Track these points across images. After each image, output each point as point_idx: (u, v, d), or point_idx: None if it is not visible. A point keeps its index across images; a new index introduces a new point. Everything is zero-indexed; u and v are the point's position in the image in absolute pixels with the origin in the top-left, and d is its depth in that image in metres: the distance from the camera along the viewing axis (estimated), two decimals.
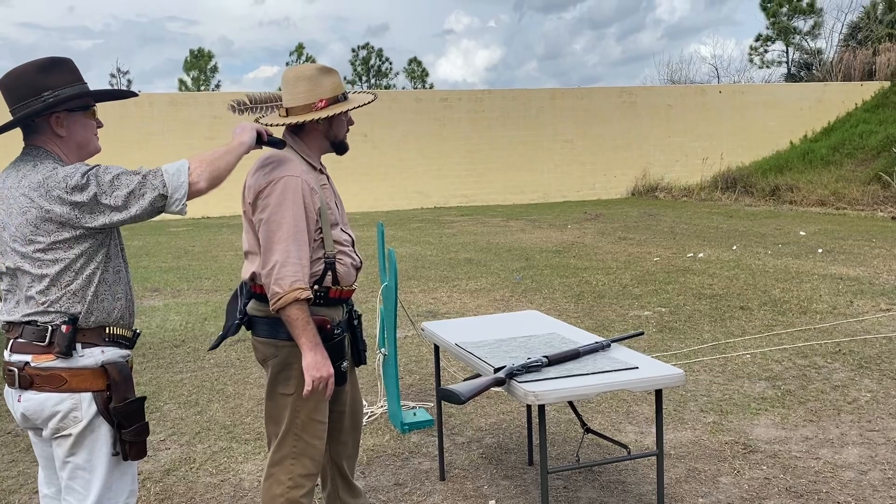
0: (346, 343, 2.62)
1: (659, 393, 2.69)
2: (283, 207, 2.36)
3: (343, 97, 2.55)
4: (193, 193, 2.04)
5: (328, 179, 2.61)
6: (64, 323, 1.99)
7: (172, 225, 15.24)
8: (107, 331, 2.07)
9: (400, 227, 13.85)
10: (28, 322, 2.01)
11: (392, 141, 18.53)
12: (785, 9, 32.79)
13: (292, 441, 2.50)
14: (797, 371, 4.89)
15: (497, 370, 2.59)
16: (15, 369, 2.01)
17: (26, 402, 2.02)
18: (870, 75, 23.00)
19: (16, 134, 2.17)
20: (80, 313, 2.01)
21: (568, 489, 3.37)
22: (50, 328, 1.99)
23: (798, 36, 32.49)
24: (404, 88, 40.54)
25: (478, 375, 2.78)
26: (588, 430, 3.10)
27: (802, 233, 11.42)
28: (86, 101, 2.12)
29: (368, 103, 2.60)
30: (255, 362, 5.36)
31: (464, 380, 2.70)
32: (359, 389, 2.85)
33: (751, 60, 34.40)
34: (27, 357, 2.00)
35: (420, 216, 16.31)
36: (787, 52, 33.02)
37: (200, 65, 42.85)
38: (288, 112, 2.51)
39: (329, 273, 2.50)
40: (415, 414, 4.23)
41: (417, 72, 46.40)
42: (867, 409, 4.19)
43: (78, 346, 2.01)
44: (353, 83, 43.18)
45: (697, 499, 3.25)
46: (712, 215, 14.48)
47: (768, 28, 33.64)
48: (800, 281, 7.74)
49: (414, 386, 4.86)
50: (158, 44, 66.91)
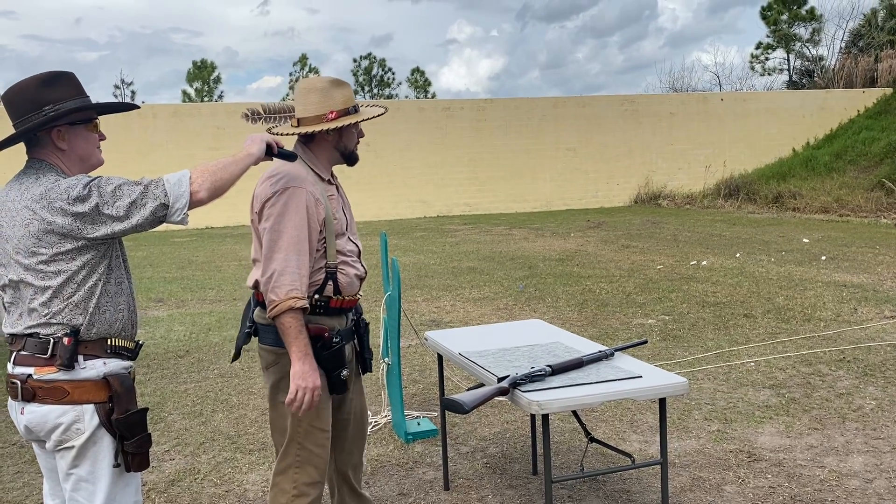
0: (350, 351, 2.64)
1: (663, 402, 2.69)
2: (286, 217, 2.39)
3: (354, 109, 2.58)
4: (194, 203, 2.03)
5: (337, 189, 2.63)
6: (66, 335, 1.99)
7: (176, 235, 15.27)
8: (109, 342, 2.07)
9: (403, 236, 13.87)
10: (30, 334, 2.02)
11: (395, 150, 18.58)
12: (785, 16, 32.85)
13: (295, 450, 2.51)
14: (801, 379, 4.89)
15: (500, 380, 2.60)
16: (18, 382, 2.02)
17: (29, 415, 2.03)
18: (872, 82, 23.02)
19: (20, 147, 2.18)
20: (83, 325, 2.01)
21: (572, 498, 3.37)
22: (52, 340, 2.00)
23: (799, 43, 32.55)
24: (407, 98, 40.66)
25: (481, 385, 2.78)
26: (592, 440, 3.10)
27: (806, 240, 11.41)
28: (87, 115, 2.13)
29: (378, 116, 2.63)
30: (259, 372, 5.36)
31: (467, 389, 2.70)
32: (364, 398, 2.86)
33: (752, 68, 34.45)
34: (30, 369, 2.01)
35: (423, 225, 16.33)
36: (789, 60, 33.06)
37: (204, 76, 43.06)
38: (299, 122, 2.55)
39: (330, 283, 2.51)
40: (419, 424, 4.23)
41: (420, 81, 46.56)
42: (872, 417, 4.18)
43: (80, 358, 2.02)
44: (356, 93, 43.28)
45: None
46: (715, 223, 14.47)
47: (769, 36, 33.70)
48: (803, 288, 7.73)
49: (418, 395, 4.86)
50: (163, 55, 67.37)
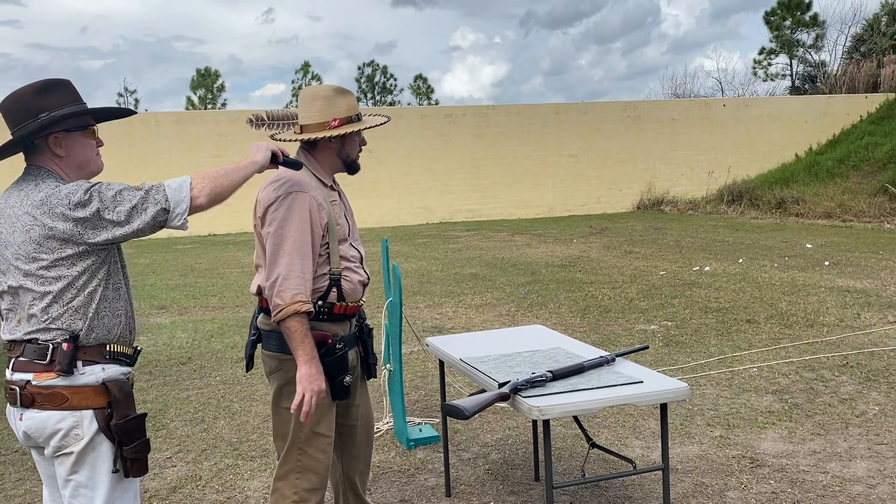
0: (355, 357, 2.64)
1: (664, 407, 2.69)
2: (290, 222, 2.40)
3: (357, 118, 2.60)
4: (194, 209, 2.03)
5: (340, 196, 2.64)
6: (65, 340, 1.99)
7: (179, 242, 15.30)
8: (107, 348, 2.08)
9: (405, 243, 13.87)
10: (29, 340, 2.01)
11: (397, 157, 18.60)
12: (788, 21, 32.89)
13: (296, 455, 2.51)
14: (804, 384, 4.87)
15: (501, 385, 2.60)
16: (16, 388, 2.02)
17: (28, 421, 2.03)
18: (874, 87, 23.01)
19: (18, 155, 2.18)
20: (82, 330, 2.02)
21: None
22: (51, 346, 2.00)
23: (802, 49, 32.57)
24: (409, 105, 40.76)
25: (483, 391, 2.78)
26: (593, 445, 3.09)
27: (809, 245, 11.39)
28: (84, 121, 2.13)
29: (381, 125, 2.64)
30: (261, 379, 5.37)
31: (469, 395, 2.70)
32: (370, 404, 2.86)
33: (755, 73, 34.46)
34: (28, 375, 2.01)
35: (425, 231, 16.33)
36: (791, 65, 33.08)
37: (207, 83, 43.19)
38: (302, 129, 2.57)
39: (334, 289, 2.52)
40: (420, 430, 4.23)
41: (422, 88, 46.66)
42: (875, 423, 4.17)
43: (79, 364, 2.02)
44: (359, 100, 43.36)
45: None
46: (718, 228, 14.46)
47: (772, 41, 33.73)
48: (806, 294, 7.71)
49: (420, 402, 4.86)
50: (167, 63, 67.63)
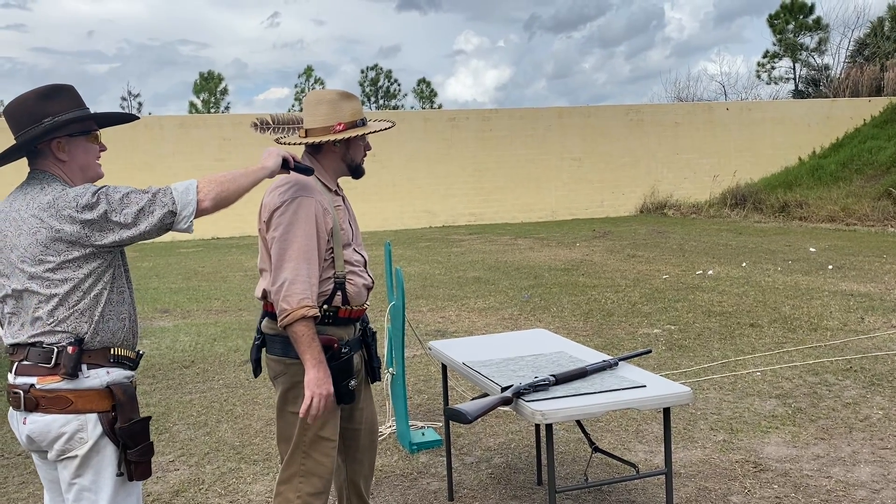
0: (359, 361, 2.64)
1: (667, 411, 2.68)
2: (296, 227, 2.41)
3: (362, 122, 2.61)
4: (199, 212, 2.05)
5: (343, 200, 2.65)
6: (70, 344, 2.00)
7: (182, 246, 15.32)
8: (112, 352, 2.08)
9: (408, 247, 13.88)
10: (34, 344, 2.02)
11: (400, 160, 18.62)
12: (791, 25, 32.89)
13: (300, 459, 2.51)
14: (808, 388, 4.86)
15: (504, 389, 2.60)
16: (20, 391, 2.02)
17: (32, 425, 2.03)
18: (878, 91, 23.00)
19: (22, 159, 2.20)
20: (87, 333, 2.02)
21: None
22: (56, 349, 2.00)
23: (805, 52, 32.55)
24: (412, 109, 40.81)
25: (485, 395, 2.78)
26: (596, 450, 3.09)
27: (812, 249, 11.37)
28: (87, 126, 2.14)
29: (385, 129, 2.65)
30: (264, 383, 5.37)
31: (472, 399, 2.70)
32: (374, 408, 2.86)
33: (758, 77, 34.48)
34: (32, 379, 2.01)
35: (428, 235, 16.34)
36: (795, 69, 33.08)
37: (210, 87, 43.29)
38: (307, 133, 2.57)
39: (339, 293, 2.52)
40: (423, 434, 4.23)
41: (426, 92, 46.72)
42: (879, 427, 4.16)
43: (84, 367, 2.02)
44: (362, 104, 43.42)
45: None
46: (721, 232, 14.44)
47: (775, 45, 33.74)
48: (810, 297, 7.70)
49: (422, 406, 4.86)
50: (171, 67, 67.82)
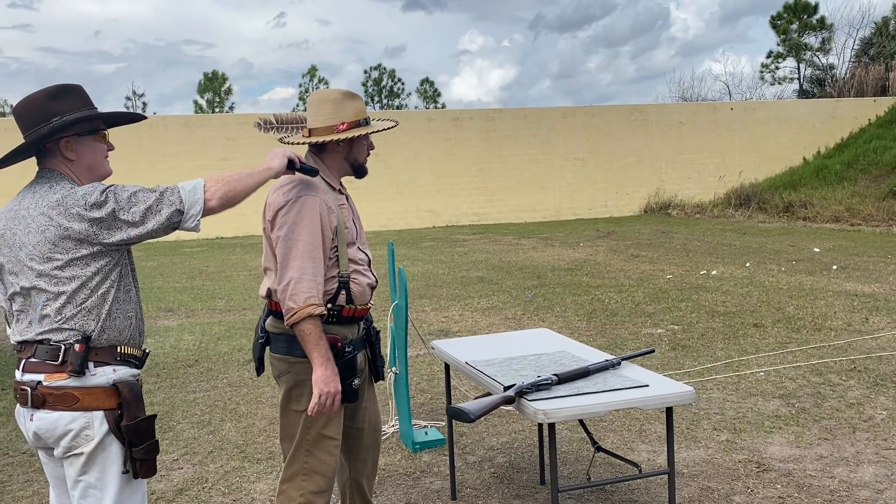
0: (363, 360, 2.65)
1: (670, 411, 2.68)
2: (301, 225, 2.41)
3: (365, 122, 2.61)
4: (206, 211, 2.07)
5: (347, 199, 2.66)
6: (77, 341, 2.02)
7: (187, 245, 15.35)
8: (118, 350, 2.10)
9: (412, 246, 13.89)
10: (41, 341, 2.03)
11: (404, 160, 18.63)
12: (795, 25, 32.81)
13: (303, 457, 2.52)
14: (811, 389, 4.86)
15: (507, 388, 2.60)
16: (27, 388, 2.03)
17: (38, 421, 2.05)
18: (883, 91, 22.93)
19: (31, 158, 2.22)
20: (94, 331, 2.04)
21: None
22: (63, 347, 2.01)
23: (809, 52, 32.48)
24: (416, 108, 40.82)
25: (488, 394, 2.78)
26: (599, 449, 3.09)
27: (817, 249, 11.35)
28: (94, 126, 2.16)
29: (388, 129, 2.66)
30: (268, 382, 5.38)
31: (475, 398, 2.70)
32: (378, 406, 2.87)
33: (762, 77, 34.40)
34: (40, 376, 2.03)
35: (432, 235, 16.34)
36: (799, 69, 33.00)
37: (215, 87, 43.37)
38: (311, 132, 2.59)
39: (343, 292, 2.53)
40: (426, 433, 4.23)
41: (429, 92, 46.74)
42: (883, 427, 4.15)
43: (90, 365, 2.04)
44: (366, 104, 43.47)
45: None
46: (725, 232, 14.42)
47: (779, 45, 33.66)
48: (814, 298, 7.68)
49: (425, 405, 4.86)
50: (177, 67, 67.99)
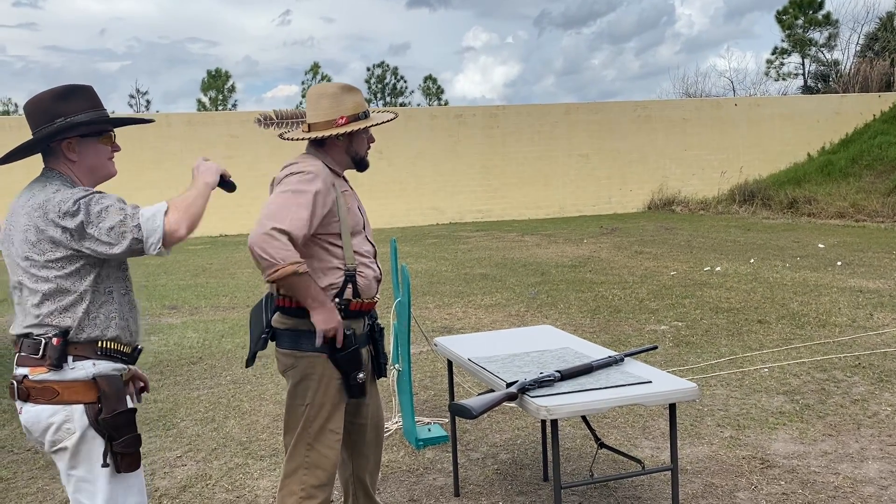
0: (367, 355, 2.65)
1: (673, 407, 2.68)
2: (298, 185, 2.43)
3: (364, 115, 2.61)
4: (174, 240, 2.04)
5: (350, 188, 2.66)
6: (55, 336, 2.04)
7: (190, 243, 15.37)
8: (100, 345, 2.09)
9: (415, 244, 13.88)
10: (27, 335, 2.07)
11: (407, 157, 18.63)
12: (800, 21, 32.69)
13: (304, 451, 2.53)
14: (816, 385, 4.84)
15: (509, 385, 2.60)
16: (15, 382, 2.08)
17: (25, 414, 2.09)
18: (888, 86, 22.85)
19: (37, 156, 2.23)
20: (72, 328, 2.05)
21: None
22: (43, 341, 2.04)
23: (814, 48, 32.37)
24: (419, 106, 40.80)
25: (491, 390, 2.78)
26: (602, 445, 3.08)
27: (821, 245, 11.31)
28: (99, 128, 2.16)
29: (388, 121, 2.65)
30: (271, 378, 5.39)
31: (477, 395, 2.70)
32: (381, 403, 2.87)
33: (767, 73, 34.30)
34: (26, 370, 2.07)
35: (435, 232, 16.34)
36: (804, 65, 32.89)
37: (218, 85, 43.39)
38: (310, 127, 2.59)
39: (349, 286, 2.53)
40: (429, 430, 4.23)
41: (432, 89, 46.70)
42: (888, 423, 4.14)
43: (69, 359, 2.05)
44: (369, 101, 43.49)
45: None
46: (730, 228, 14.39)
47: (784, 40, 33.55)
48: (818, 294, 7.66)
49: (428, 402, 4.86)
50: (182, 65, 68.05)
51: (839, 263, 9.52)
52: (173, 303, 8.71)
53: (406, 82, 46.72)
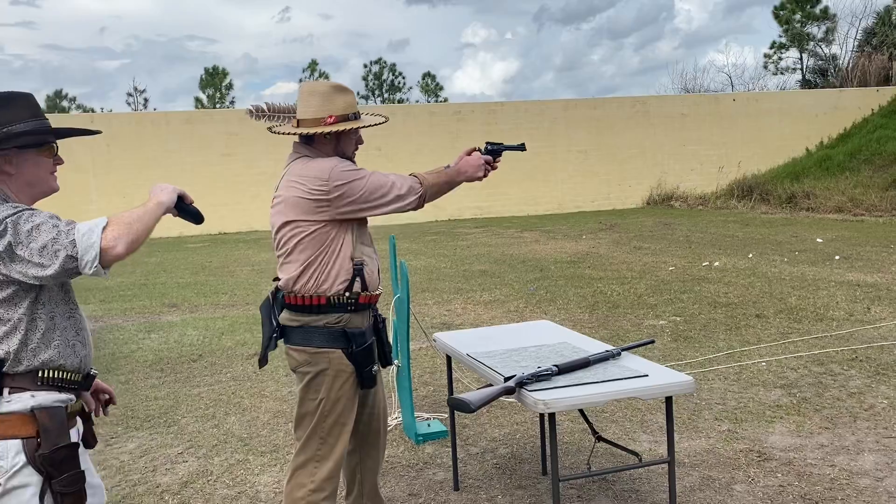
0: (374, 346, 2.70)
1: (669, 400, 2.70)
2: (355, 172, 2.56)
3: (354, 116, 2.63)
4: (112, 258, 1.83)
5: None
6: None
7: (189, 241, 15.39)
8: (41, 375, 1.90)
9: (415, 240, 13.90)
10: None
11: (406, 154, 18.63)
12: (798, 15, 32.67)
13: (316, 444, 2.57)
14: (813, 378, 4.87)
15: (507, 379, 2.62)
16: None
17: None
18: (886, 80, 22.86)
19: None
20: (8, 360, 1.87)
21: (581, 498, 3.38)
22: None
23: (812, 42, 32.35)
24: (417, 102, 40.77)
25: (489, 385, 2.81)
26: (599, 439, 3.11)
27: (819, 240, 11.34)
28: (40, 139, 1.98)
29: (376, 125, 2.68)
30: (271, 376, 5.41)
31: (476, 389, 2.72)
32: (384, 394, 2.90)
33: (765, 67, 34.30)
34: None
35: (435, 229, 16.36)
36: (802, 59, 32.88)
37: (216, 82, 43.37)
38: (299, 123, 2.61)
39: (357, 279, 2.58)
40: (429, 425, 4.26)
41: (431, 86, 46.69)
42: (884, 416, 4.16)
43: (5, 392, 1.87)
44: (367, 98, 43.48)
45: None
46: (728, 223, 14.41)
47: (782, 35, 33.53)
48: (816, 288, 7.69)
49: (428, 397, 4.89)
50: (181, 63, 68.08)
51: (837, 258, 9.54)
52: (173, 301, 8.73)
53: (404, 78, 46.71)
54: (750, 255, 10.07)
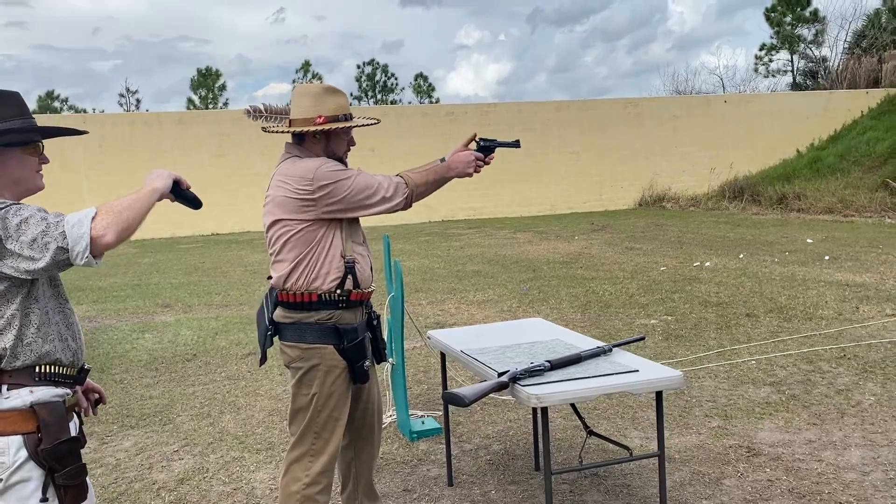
0: (367, 343, 2.74)
1: (659, 395, 2.75)
2: (341, 172, 2.60)
3: (344, 117, 2.68)
4: (102, 247, 1.82)
5: None
6: None
7: (183, 242, 15.38)
8: (38, 370, 1.91)
9: (408, 241, 13.94)
10: None
11: (399, 155, 18.61)
12: (789, 18, 32.88)
13: (311, 439, 2.61)
14: (802, 376, 4.93)
15: (500, 375, 2.66)
16: None
17: None
18: (875, 83, 23.03)
19: None
20: (4, 356, 1.88)
21: (573, 493, 3.43)
22: None
23: (803, 44, 32.57)
24: (410, 103, 40.82)
25: (483, 381, 2.85)
26: (591, 433, 3.16)
27: (809, 240, 11.44)
28: (25, 137, 1.98)
29: (366, 126, 2.74)
30: (266, 374, 5.44)
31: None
32: (378, 390, 2.94)
33: (756, 70, 34.51)
34: None
35: (428, 229, 16.40)
36: (793, 61, 33.09)
37: (208, 83, 43.31)
38: (291, 123, 2.67)
39: (349, 276, 2.62)
40: (423, 423, 4.30)
41: (423, 87, 46.75)
42: (870, 412, 4.23)
43: (3, 388, 1.87)
44: (359, 99, 43.48)
45: (701, 501, 3.30)
46: (719, 224, 14.50)
47: (772, 37, 33.74)
48: (806, 288, 7.77)
49: (422, 395, 4.93)
50: (174, 63, 67.98)
51: (827, 258, 9.63)
52: (166, 301, 8.74)
53: (397, 79, 46.76)
54: (741, 256, 10.15)
